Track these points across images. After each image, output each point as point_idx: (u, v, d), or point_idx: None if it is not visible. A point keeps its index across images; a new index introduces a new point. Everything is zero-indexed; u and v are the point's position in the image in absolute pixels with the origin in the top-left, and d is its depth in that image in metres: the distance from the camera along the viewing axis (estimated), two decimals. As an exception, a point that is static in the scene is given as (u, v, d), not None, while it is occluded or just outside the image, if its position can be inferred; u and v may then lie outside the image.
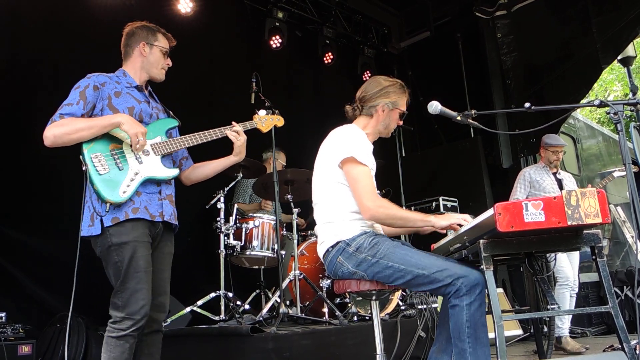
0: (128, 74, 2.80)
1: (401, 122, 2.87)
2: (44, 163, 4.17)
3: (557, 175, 5.15)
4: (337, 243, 2.58)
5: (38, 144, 2.55)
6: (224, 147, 2.99)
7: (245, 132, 2.98)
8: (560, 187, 5.05)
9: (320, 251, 2.71)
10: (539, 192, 5.02)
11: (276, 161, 5.22)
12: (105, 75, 2.72)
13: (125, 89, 2.73)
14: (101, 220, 2.50)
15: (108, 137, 2.59)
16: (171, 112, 2.94)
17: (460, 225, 2.52)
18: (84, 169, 2.51)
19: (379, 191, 3.23)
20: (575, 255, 5.05)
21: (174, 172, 2.76)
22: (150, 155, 2.67)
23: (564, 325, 4.89)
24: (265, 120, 3.15)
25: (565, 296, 4.87)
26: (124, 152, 2.61)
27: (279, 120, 3.26)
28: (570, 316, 5.12)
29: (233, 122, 2.94)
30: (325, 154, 2.72)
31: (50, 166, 4.26)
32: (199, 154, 3.05)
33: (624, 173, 5.31)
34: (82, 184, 2.54)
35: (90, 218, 2.54)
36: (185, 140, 2.79)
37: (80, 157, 2.53)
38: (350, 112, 2.86)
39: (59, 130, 2.47)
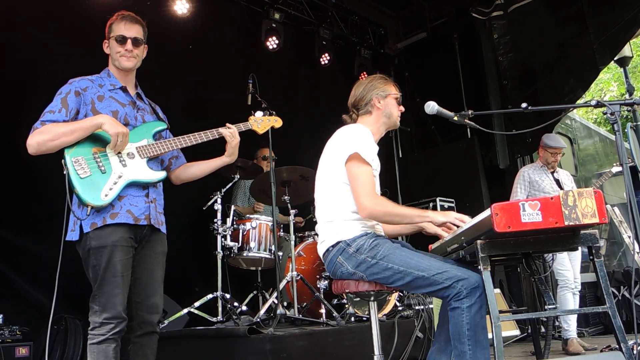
0: (112, 75, 2.77)
1: (402, 108, 2.87)
2: (41, 164, 4.14)
3: (555, 174, 5.17)
4: (338, 243, 2.58)
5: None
6: (215, 147, 2.97)
7: (240, 133, 2.96)
8: (559, 186, 5.06)
9: (321, 250, 2.71)
10: (538, 192, 5.04)
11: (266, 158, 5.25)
12: (88, 79, 2.69)
13: (108, 92, 2.70)
14: (80, 226, 2.49)
15: (91, 141, 2.56)
16: (160, 114, 2.91)
17: (457, 226, 2.52)
18: (64, 173, 2.48)
19: (376, 192, 3.22)
20: (577, 254, 5.03)
21: (160, 175, 2.71)
22: (136, 158, 2.64)
23: (570, 327, 4.87)
24: (262, 121, 3.13)
25: (568, 298, 4.86)
26: (107, 155, 2.57)
27: (277, 122, 3.24)
28: (576, 317, 5.12)
29: (227, 124, 2.92)
30: (331, 152, 2.71)
31: (46, 168, 4.23)
32: (190, 154, 3.02)
33: (621, 168, 5.36)
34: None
35: (74, 223, 2.54)
36: (173, 142, 2.75)
37: (62, 161, 2.50)
38: (349, 120, 2.87)
39: (41, 138, 2.46)
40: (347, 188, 2.61)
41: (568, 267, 4.92)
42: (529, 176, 5.14)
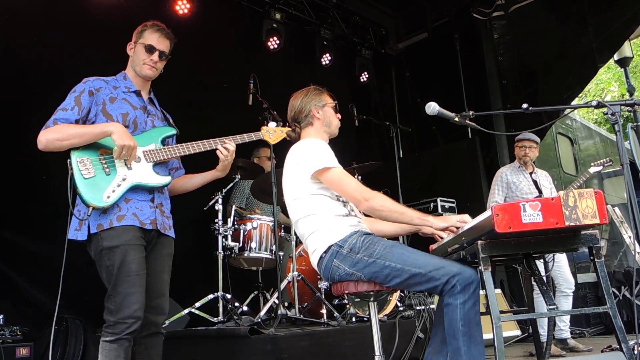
0: (128, 78, 2.79)
1: (339, 116, 2.93)
2: (42, 164, 4.16)
3: (533, 175, 5.10)
4: (330, 247, 2.57)
5: (36, 145, 2.54)
6: (215, 158, 2.94)
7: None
8: (537, 187, 5.02)
9: (314, 260, 2.69)
10: (516, 193, 4.98)
11: (264, 157, 5.26)
12: (102, 79, 2.71)
13: (121, 94, 2.72)
14: (88, 226, 2.50)
15: (99, 144, 2.57)
16: (171, 121, 2.93)
17: (458, 227, 2.52)
18: (69, 173, 2.50)
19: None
20: (561, 257, 4.98)
21: (165, 179, 2.71)
22: (142, 162, 2.65)
23: (545, 331, 4.82)
24: (274, 132, 3.15)
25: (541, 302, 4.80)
26: (113, 157, 2.58)
27: None
28: (568, 317, 5.10)
29: (231, 137, 2.90)
30: (291, 171, 2.72)
31: (48, 168, 4.25)
32: (190, 163, 3.02)
33: (600, 168, 5.36)
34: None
35: (79, 222, 2.55)
36: (180, 148, 2.75)
37: (68, 161, 2.52)
38: (294, 134, 2.91)
39: (51, 136, 2.48)
40: (319, 197, 2.64)
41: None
42: (506, 177, 5.07)
